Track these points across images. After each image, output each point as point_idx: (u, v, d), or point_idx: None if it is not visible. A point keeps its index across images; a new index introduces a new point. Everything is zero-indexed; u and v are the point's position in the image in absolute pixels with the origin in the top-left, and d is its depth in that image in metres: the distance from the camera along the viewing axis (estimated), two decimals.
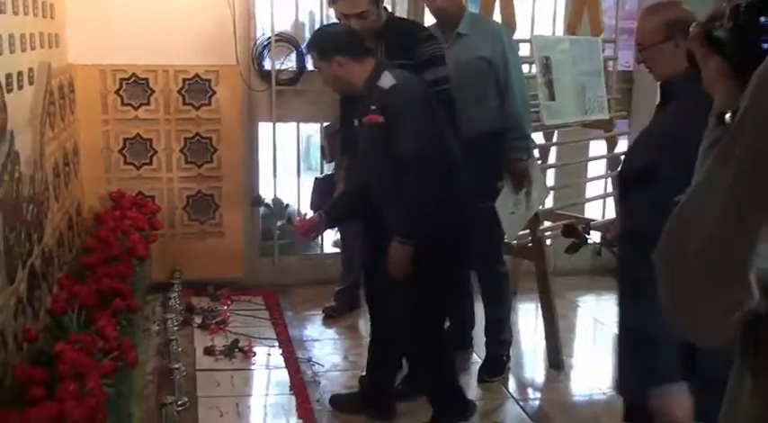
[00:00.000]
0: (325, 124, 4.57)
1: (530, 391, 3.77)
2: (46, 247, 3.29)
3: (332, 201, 3.42)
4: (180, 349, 3.61)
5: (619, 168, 2.74)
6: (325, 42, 3.07)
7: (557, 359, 3.90)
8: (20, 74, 2.97)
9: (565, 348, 3.99)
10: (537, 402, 3.64)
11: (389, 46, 3.29)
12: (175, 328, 3.78)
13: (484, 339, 3.80)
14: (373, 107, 2.89)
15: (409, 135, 2.82)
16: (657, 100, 2.39)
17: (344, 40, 3.06)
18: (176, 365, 3.34)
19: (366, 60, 3.01)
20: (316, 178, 4.61)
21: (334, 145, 4.34)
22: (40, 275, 3.14)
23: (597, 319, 4.67)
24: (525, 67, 4.04)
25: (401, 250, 2.85)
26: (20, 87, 2.96)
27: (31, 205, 3.05)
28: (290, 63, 4.87)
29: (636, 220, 2.02)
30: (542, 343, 4.01)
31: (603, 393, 3.68)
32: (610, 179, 4.99)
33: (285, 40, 4.84)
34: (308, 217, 3.29)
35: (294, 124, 5.06)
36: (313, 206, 4.26)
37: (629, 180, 2.16)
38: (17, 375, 2.41)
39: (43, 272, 3.19)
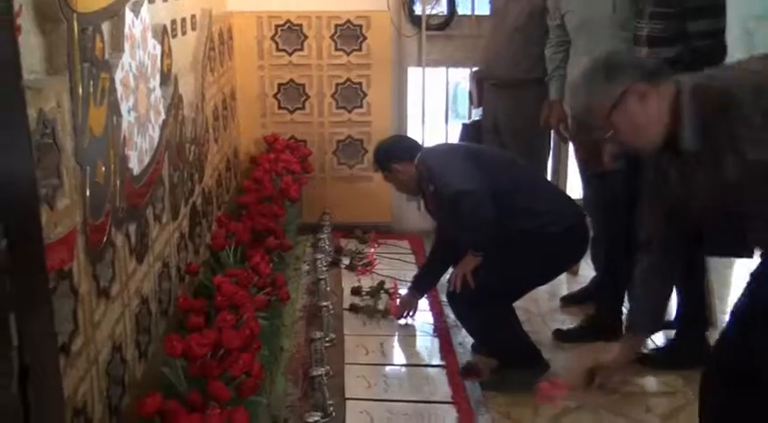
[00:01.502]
0: (473, 69, 4.53)
1: None
2: (206, 187, 3.47)
3: (415, 277, 3.72)
4: (328, 288, 3.73)
5: None
6: (380, 157, 3.46)
7: None
8: (183, 20, 3.10)
9: None
10: None
11: None
12: (324, 269, 3.90)
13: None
14: (426, 184, 3.29)
15: (443, 182, 3.14)
16: None
17: (392, 148, 3.46)
18: (325, 303, 3.46)
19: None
20: (463, 124, 4.59)
21: (482, 90, 4.31)
22: (201, 213, 3.32)
23: None
24: None
25: (472, 261, 3.11)
26: (183, 33, 3.10)
27: (193, 147, 3.21)
28: (440, 8, 4.83)
29: None
30: None
31: None
32: None
33: None
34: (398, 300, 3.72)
35: (443, 70, 5.04)
36: None
37: None
38: (180, 305, 2.58)
39: (203, 210, 3.38)
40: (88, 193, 1.87)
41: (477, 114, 4.61)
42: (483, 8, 4.68)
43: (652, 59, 2.07)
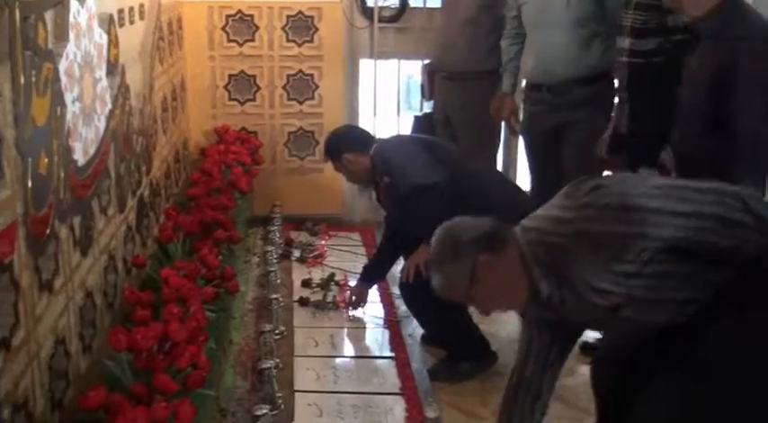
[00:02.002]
0: (425, 62, 4.54)
1: None
2: (154, 179, 3.43)
3: (364, 268, 3.66)
4: (279, 281, 3.73)
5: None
6: (331, 147, 3.44)
7: None
8: (131, 9, 3.05)
9: None
10: None
11: None
12: (275, 261, 3.89)
13: None
14: (381, 176, 3.28)
15: (401, 173, 3.12)
16: None
17: (345, 139, 3.43)
18: (275, 296, 3.46)
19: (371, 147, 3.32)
20: (415, 116, 4.62)
21: (434, 82, 4.33)
22: (149, 205, 3.28)
23: None
24: None
25: (427, 252, 3.01)
26: (131, 22, 3.05)
27: (141, 138, 3.17)
28: (393, 0, 4.84)
29: None
30: None
31: None
32: None
33: None
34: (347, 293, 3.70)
35: (395, 62, 5.04)
36: None
37: None
38: (126, 298, 2.55)
39: (151, 202, 3.34)
40: (30, 185, 1.84)
41: (428, 107, 4.63)
42: (435, 0, 4.70)
43: (488, 221, 2.07)
